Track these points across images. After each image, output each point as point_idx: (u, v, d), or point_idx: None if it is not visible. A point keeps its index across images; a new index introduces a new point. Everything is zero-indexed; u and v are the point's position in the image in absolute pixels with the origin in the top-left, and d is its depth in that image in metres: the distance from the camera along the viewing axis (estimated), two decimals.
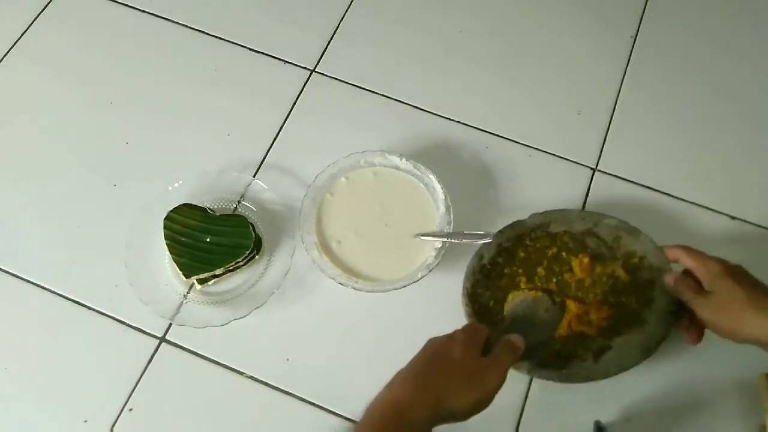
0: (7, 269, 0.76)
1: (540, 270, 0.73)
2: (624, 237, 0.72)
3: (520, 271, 0.73)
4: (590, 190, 0.79)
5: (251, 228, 0.75)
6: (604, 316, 0.69)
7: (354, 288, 0.71)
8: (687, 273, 0.64)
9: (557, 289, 0.71)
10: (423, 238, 0.74)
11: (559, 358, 0.68)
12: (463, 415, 0.53)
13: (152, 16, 0.92)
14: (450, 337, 0.56)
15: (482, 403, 0.54)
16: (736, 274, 0.60)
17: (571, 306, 0.69)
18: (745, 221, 0.77)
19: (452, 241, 0.72)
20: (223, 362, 0.71)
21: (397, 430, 0.50)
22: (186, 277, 0.73)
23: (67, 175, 0.82)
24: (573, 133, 0.84)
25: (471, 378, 0.54)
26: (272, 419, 0.69)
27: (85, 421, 0.69)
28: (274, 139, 0.83)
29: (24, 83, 0.89)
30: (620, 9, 0.92)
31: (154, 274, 0.74)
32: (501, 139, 0.83)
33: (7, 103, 0.87)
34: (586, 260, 0.72)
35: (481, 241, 0.72)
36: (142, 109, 0.86)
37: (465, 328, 0.58)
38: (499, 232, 0.72)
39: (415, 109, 0.85)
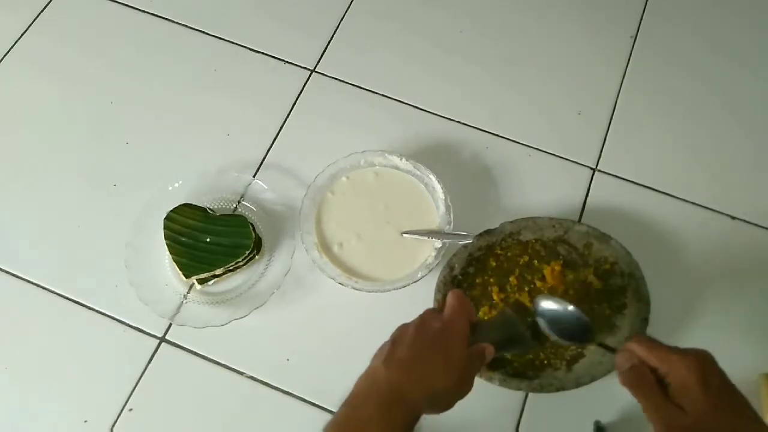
0: (7, 269, 0.76)
1: (512, 279, 0.73)
2: (595, 244, 0.73)
3: (492, 280, 0.73)
4: (590, 190, 0.79)
5: (251, 228, 0.75)
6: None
7: (354, 288, 0.71)
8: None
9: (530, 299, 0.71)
10: (406, 235, 0.74)
11: (533, 367, 0.68)
12: (437, 411, 0.53)
13: (152, 16, 0.92)
14: (448, 326, 0.54)
15: (450, 405, 0.53)
16: (712, 385, 0.49)
17: None
18: (745, 221, 0.77)
19: (434, 239, 0.73)
20: (223, 362, 0.71)
21: (404, 417, 0.50)
22: (186, 277, 0.73)
23: (67, 175, 0.82)
24: (573, 133, 0.84)
25: (462, 379, 0.53)
26: (272, 419, 0.69)
27: (85, 421, 0.69)
28: (274, 139, 0.83)
29: (24, 84, 0.89)
30: (620, 9, 0.92)
31: (154, 274, 0.74)
32: (501, 139, 0.83)
33: (7, 103, 0.87)
34: (558, 268, 0.72)
35: (462, 242, 0.73)
36: (142, 109, 0.86)
37: (457, 315, 0.55)
38: (475, 237, 0.72)
39: (415, 109, 0.85)
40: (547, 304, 0.60)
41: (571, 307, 0.59)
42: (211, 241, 0.74)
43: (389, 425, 0.49)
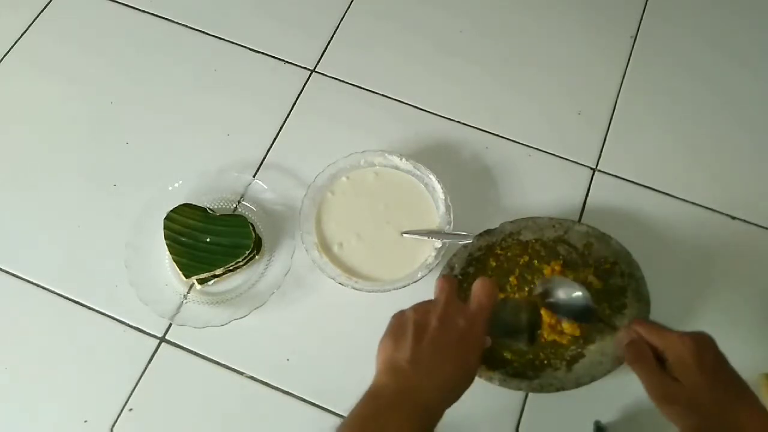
0: (7, 269, 0.76)
1: (512, 279, 0.73)
2: (595, 244, 0.73)
3: None
4: (590, 190, 0.79)
5: (251, 228, 0.75)
6: (576, 324, 0.69)
7: (354, 288, 0.71)
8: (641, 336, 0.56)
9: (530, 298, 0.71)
10: (406, 235, 0.74)
11: (533, 367, 0.68)
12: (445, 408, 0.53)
13: (152, 16, 0.92)
14: (471, 324, 0.53)
15: (455, 401, 0.53)
16: (707, 362, 0.52)
17: (544, 315, 0.69)
18: (745, 221, 0.78)
19: (434, 239, 0.73)
20: (223, 362, 0.71)
21: (426, 420, 0.49)
22: (186, 277, 0.73)
23: (67, 175, 0.82)
24: (573, 133, 0.84)
25: (469, 376, 0.53)
26: (272, 419, 0.69)
27: (85, 421, 0.69)
28: (274, 139, 0.83)
29: (24, 84, 0.89)
30: (620, 9, 0.92)
31: (154, 274, 0.74)
32: (501, 139, 0.83)
33: (7, 103, 0.87)
34: (558, 268, 0.72)
35: (462, 242, 0.73)
36: (142, 109, 0.86)
37: (482, 314, 0.54)
38: (475, 237, 0.72)
39: (415, 109, 0.85)
40: (553, 286, 0.63)
41: (576, 293, 0.62)
42: (211, 241, 0.74)
43: (413, 429, 0.49)
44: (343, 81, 0.87)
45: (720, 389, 0.51)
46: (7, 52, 0.90)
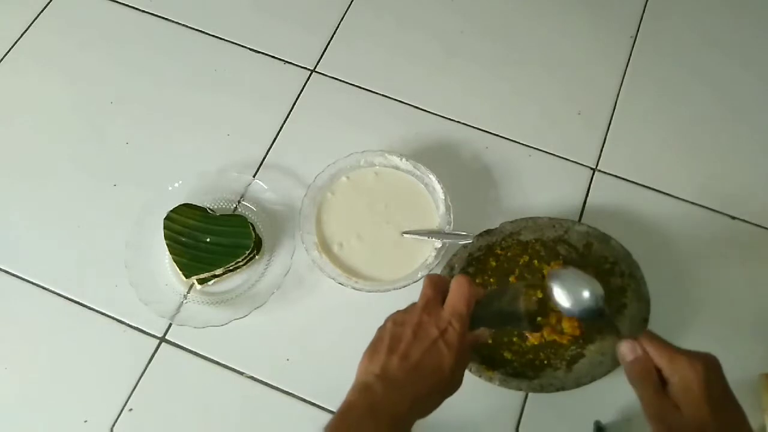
0: (7, 269, 0.76)
1: (512, 279, 0.73)
2: (595, 244, 0.73)
3: (492, 280, 0.73)
4: (590, 190, 0.79)
5: (251, 228, 0.75)
6: (576, 324, 0.69)
7: (354, 288, 0.71)
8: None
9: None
10: (406, 235, 0.74)
11: (533, 367, 0.68)
12: (424, 417, 0.52)
13: (152, 16, 0.92)
14: (445, 333, 0.52)
15: (436, 408, 0.53)
16: (714, 392, 0.49)
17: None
18: (745, 221, 0.78)
19: (434, 239, 0.73)
20: (223, 362, 0.71)
21: None
22: (186, 277, 0.73)
23: (67, 175, 0.82)
24: (573, 133, 0.84)
25: (451, 384, 0.53)
26: (272, 419, 0.69)
27: (85, 421, 0.69)
28: (274, 139, 0.83)
29: (24, 83, 0.89)
30: (620, 9, 0.92)
31: (154, 274, 0.74)
32: (501, 139, 0.83)
33: (7, 102, 0.87)
34: (557, 268, 0.72)
35: (462, 242, 0.73)
36: (142, 109, 0.86)
37: (456, 319, 0.53)
38: (475, 237, 0.72)
39: (415, 109, 0.85)
40: (563, 278, 0.61)
41: (585, 292, 0.59)
42: (211, 241, 0.74)
43: None
44: (343, 81, 0.87)
45: (722, 426, 0.48)
46: (7, 52, 0.90)
